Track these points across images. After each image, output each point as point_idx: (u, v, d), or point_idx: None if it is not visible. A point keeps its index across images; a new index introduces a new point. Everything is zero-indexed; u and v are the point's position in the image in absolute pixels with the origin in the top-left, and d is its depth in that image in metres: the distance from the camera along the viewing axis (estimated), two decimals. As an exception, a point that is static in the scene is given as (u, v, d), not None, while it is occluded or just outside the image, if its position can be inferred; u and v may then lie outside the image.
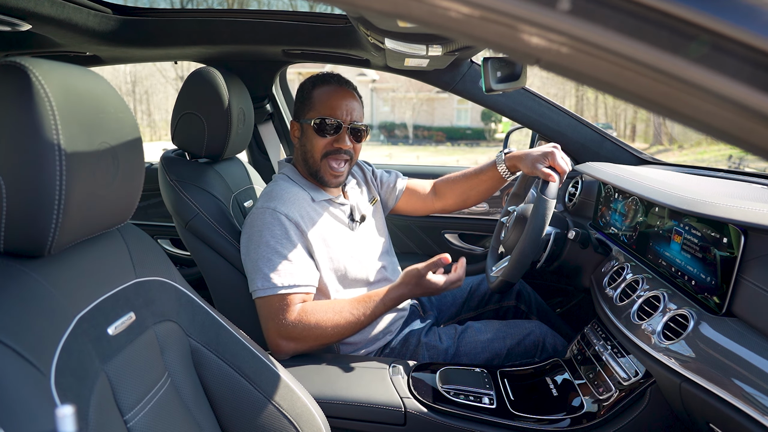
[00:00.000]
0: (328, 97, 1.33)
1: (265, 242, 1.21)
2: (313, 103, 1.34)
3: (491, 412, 1.08)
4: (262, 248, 1.21)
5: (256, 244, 1.22)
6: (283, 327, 1.18)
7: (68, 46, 1.57)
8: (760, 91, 0.31)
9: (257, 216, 1.24)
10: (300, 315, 1.19)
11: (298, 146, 1.39)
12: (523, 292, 1.64)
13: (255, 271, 1.20)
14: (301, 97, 1.37)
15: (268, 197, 1.28)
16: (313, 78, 1.38)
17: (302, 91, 1.37)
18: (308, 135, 1.34)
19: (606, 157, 1.75)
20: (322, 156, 1.33)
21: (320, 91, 1.34)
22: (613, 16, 0.31)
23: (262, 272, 1.19)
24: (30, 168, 0.58)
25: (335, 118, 1.31)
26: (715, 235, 0.89)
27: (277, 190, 1.29)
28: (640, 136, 21.38)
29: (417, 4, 0.34)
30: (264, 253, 1.20)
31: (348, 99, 1.34)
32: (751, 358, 0.74)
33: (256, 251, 1.21)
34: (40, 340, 0.57)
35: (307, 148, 1.35)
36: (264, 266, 1.19)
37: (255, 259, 1.21)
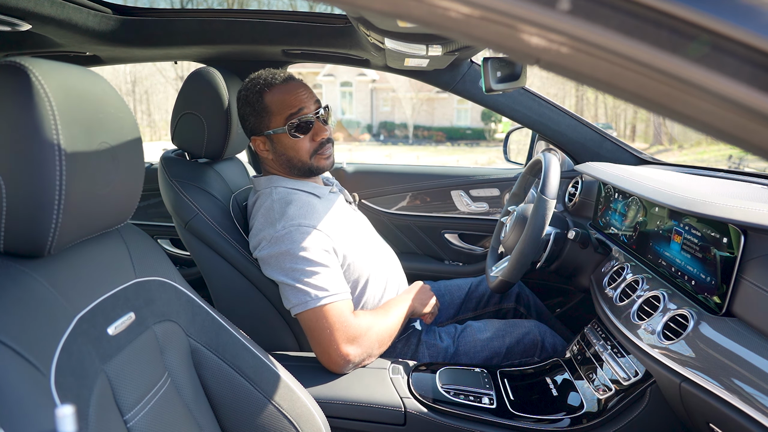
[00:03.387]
0: (282, 97, 1.27)
1: (302, 258, 1.16)
2: (271, 111, 1.27)
3: (491, 412, 1.08)
4: (301, 263, 1.16)
5: (293, 261, 1.17)
6: (350, 330, 1.16)
7: (68, 46, 1.57)
8: (760, 91, 0.31)
9: (286, 236, 1.18)
10: (357, 316, 1.19)
11: (273, 158, 1.32)
12: (522, 294, 1.64)
13: (302, 285, 1.16)
14: (253, 111, 1.28)
15: (284, 215, 1.21)
16: (252, 87, 1.28)
17: (251, 105, 1.28)
18: (284, 143, 1.28)
19: (606, 157, 1.75)
20: (310, 156, 1.31)
21: (272, 96, 1.27)
22: (613, 16, 0.31)
23: (312, 285, 1.16)
24: (30, 168, 0.58)
25: (302, 114, 1.27)
26: (715, 235, 0.89)
27: (289, 205, 1.23)
28: (640, 136, 21.39)
29: (417, 4, 0.34)
30: (306, 267, 1.16)
31: (300, 89, 1.29)
32: (751, 358, 0.74)
33: (295, 267, 1.17)
34: (40, 340, 0.57)
35: (290, 155, 1.30)
36: (312, 279, 1.16)
37: (298, 276, 1.16)
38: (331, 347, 1.15)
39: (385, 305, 1.32)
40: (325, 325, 1.14)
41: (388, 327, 1.25)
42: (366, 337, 1.18)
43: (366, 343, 1.18)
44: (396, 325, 1.27)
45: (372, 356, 1.22)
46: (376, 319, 1.23)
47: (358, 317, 1.19)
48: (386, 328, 1.24)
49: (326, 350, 1.15)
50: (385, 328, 1.24)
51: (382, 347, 1.23)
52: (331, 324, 1.14)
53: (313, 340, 1.17)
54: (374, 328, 1.21)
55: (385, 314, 1.26)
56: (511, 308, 1.63)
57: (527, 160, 2.17)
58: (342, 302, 1.17)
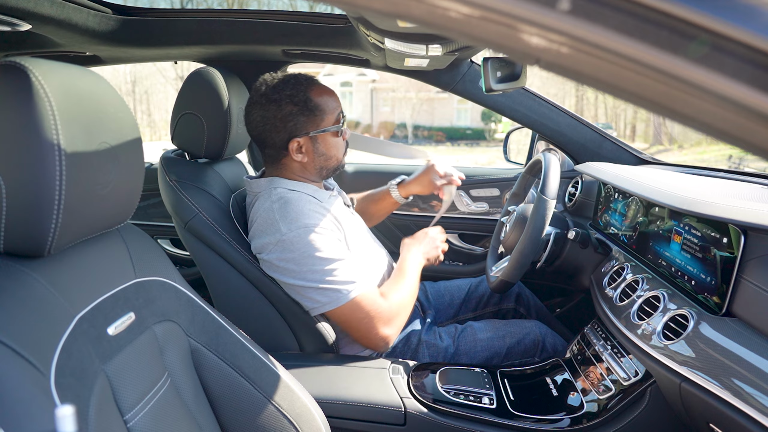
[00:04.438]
0: (329, 97, 1.28)
1: (319, 258, 1.16)
2: (324, 110, 1.26)
3: (491, 412, 1.08)
4: (320, 264, 1.17)
5: (311, 263, 1.17)
6: (383, 314, 1.21)
7: (68, 46, 1.57)
8: (760, 91, 0.31)
9: (290, 239, 1.17)
10: (386, 297, 1.24)
11: (308, 160, 1.29)
12: (523, 294, 1.64)
13: (327, 285, 1.17)
14: (303, 110, 1.23)
15: (287, 217, 1.19)
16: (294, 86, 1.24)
17: (299, 104, 1.23)
18: (328, 142, 1.28)
19: (606, 157, 1.75)
20: (343, 154, 1.35)
21: (319, 96, 1.26)
22: (613, 16, 0.31)
23: (338, 281, 1.17)
24: (30, 168, 0.58)
25: (341, 111, 1.32)
26: (715, 235, 0.89)
27: (291, 206, 1.21)
28: (640, 136, 21.39)
29: (417, 4, 0.34)
30: (326, 267, 1.17)
31: (331, 89, 1.31)
32: (751, 358, 0.74)
33: (314, 269, 1.17)
34: (40, 340, 0.57)
35: (331, 154, 1.30)
36: (336, 276, 1.17)
37: (320, 277, 1.17)
38: (371, 333, 1.20)
39: (400, 271, 1.35)
40: (361, 316, 1.19)
41: (412, 295, 1.31)
42: (400, 316, 1.25)
43: (401, 319, 1.26)
44: (416, 288, 1.34)
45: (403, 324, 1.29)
46: (401, 292, 1.28)
47: (387, 298, 1.24)
48: (411, 297, 1.31)
49: (366, 336, 1.21)
50: (410, 297, 1.30)
51: (408, 313, 1.31)
52: (367, 312, 1.19)
53: (350, 330, 1.23)
54: (403, 303, 1.27)
55: (405, 283, 1.31)
56: (511, 308, 1.63)
57: (527, 160, 2.17)
58: (369, 289, 1.22)
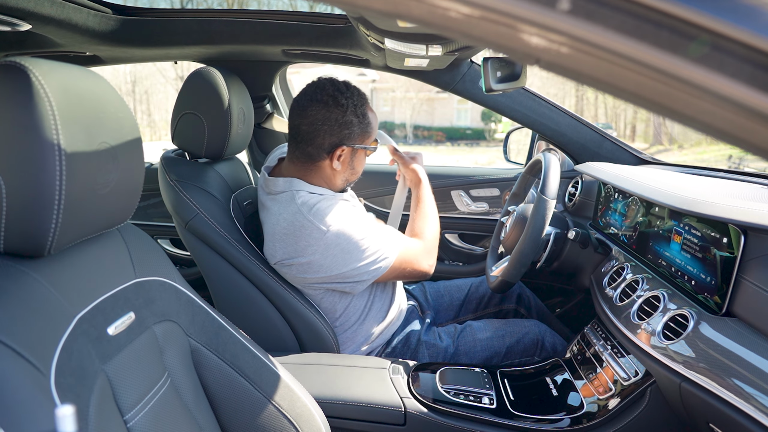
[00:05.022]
0: (375, 117, 1.36)
1: (358, 243, 1.23)
2: (373, 129, 1.34)
3: (491, 412, 1.08)
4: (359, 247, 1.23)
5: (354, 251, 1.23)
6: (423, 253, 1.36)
7: (68, 46, 1.57)
8: (760, 91, 0.31)
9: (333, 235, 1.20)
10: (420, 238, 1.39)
11: (341, 170, 1.31)
12: (523, 295, 1.64)
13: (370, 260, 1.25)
14: (361, 123, 1.29)
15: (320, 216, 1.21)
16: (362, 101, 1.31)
17: (359, 116, 1.28)
18: (361, 159, 1.35)
19: (606, 157, 1.75)
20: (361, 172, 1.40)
21: (371, 113, 1.34)
22: (613, 16, 0.31)
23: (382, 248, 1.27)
24: (30, 168, 0.58)
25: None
26: (715, 235, 0.89)
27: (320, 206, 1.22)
28: (640, 136, 21.38)
29: (417, 4, 0.34)
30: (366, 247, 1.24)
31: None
32: (751, 358, 0.74)
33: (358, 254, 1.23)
34: (40, 340, 0.57)
35: (357, 170, 1.36)
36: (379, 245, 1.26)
37: (362, 258, 1.24)
38: (419, 272, 1.36)
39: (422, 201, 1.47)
40: (407, 266, 1.33)
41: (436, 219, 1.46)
42: (436, 246, 1.41)
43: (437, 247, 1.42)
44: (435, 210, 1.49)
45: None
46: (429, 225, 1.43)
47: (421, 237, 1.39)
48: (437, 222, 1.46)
49: (415, 276, 1.36)
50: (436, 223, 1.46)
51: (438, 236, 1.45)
52: (411, 261, 1.33)
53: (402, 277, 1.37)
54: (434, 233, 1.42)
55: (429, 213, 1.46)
56: (511, 309, 1.63)
57: (527, 160, 2.17)
58: (402, 241, 1.34)
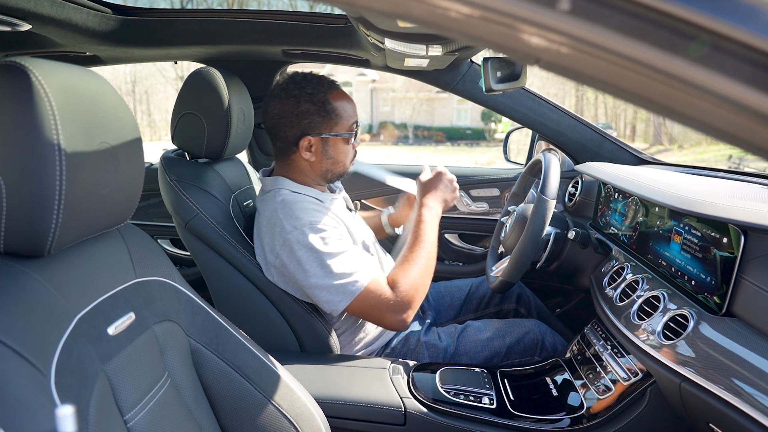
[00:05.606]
0: (348, 105, 1.31)
1: (319, 256, 1.18)
2: (339, 114, 1.28)
3: (491, 412, 1.08)
4: (321, 261, 1.18)
5: (313, 262, 1.18)
6: (394, 305, 1.20)
7: (68, 46, 1.57)
8: (760, 91, 0.31)
9: (296, 239, 1.18)
10: (393, 287, 1.21)
11: (315, 160, 1.30)
12: (523, 295, 1.64)
13: (330, 284, 1.18)
14: (320, 111, 1.26)
15: (291, 216, 1.21)
16: (320, 86, 1.27)
17: (317, 104, 1.25)
18: (338, 147, 1.30)
19: (606, 157, 1.75)
20: (349, 162, 1.35)
21: (338, 99, 1.29)
22: (613, 16, 0.31)
23: (340, 280, 1.18)
24: (30, 168, 0.58)
25: (356, 122, 1.33)
26: (715, 235, 0.89)
27: (295, 206, 1.23)
28: (640, 136, 21.38)
29: (417, 4, 0.34)
30: (327, 265, 1.18)
31: (350, 97, 1.34)
32: (751, 358, 0.74)
33: (317, 269, 1.18)
34: (40, 340, 0.57)
35: (338, 158, 1.32)
36: (336, 275, 1.18)
37: (321, 275, 1.18)
38: (385, 321, 1.21)
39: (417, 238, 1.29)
40: (366, 311, 1.21)
41: (428, 266, 1.27)
42: (414, 299, 1.22)
43: (416, 302, 1.23)
44: (433, 249, 1.30)
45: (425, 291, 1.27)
46: (413, 272, 1.24)
47: (396, 286, 1.21)
48: (427, 270, 1.27)
49: (381, 323, 1.23)
50: (426, 271, 1.26)
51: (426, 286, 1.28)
52: (371, 309, 1.20)
53: (367, 319, 1.27)
54: (416, 285, 1.23)
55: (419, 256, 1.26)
56: (511, 309, 1.63)
57: (527, 160, 2.17)
58: (376, 280, 1.20)
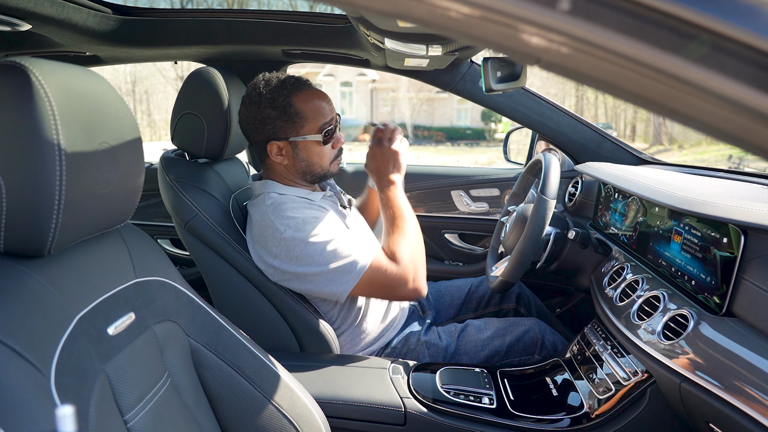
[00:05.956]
0: (317, 105, 1.25)
1: (317, 247, 1.18)
2: (304, 116, 1.24)
3: (491, 412, 1.08)
4: (320, 251, 1.18)
5: (312, 254, 1.18)
6: (401, 277, 1.21)
7: (68, 46, 1.57)
8: (760, 91, 0.31)
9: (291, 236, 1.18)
10: (394, 260, 1.22)
11: (289, 163, 1.29)
12: (523, 294, 1.64)
13: (334, 269, 1.18)
14: (282, 115, 1.23)
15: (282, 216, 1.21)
16: (276, 90, 1.23)
17: (278, 108, 1.22)
18: (310, 149, 1.27)
19: (606, 157, 1.75)
20: (330, 163, 1.32)
21: (303, 101, 1.24)
22: (613, 16, 0.31)
23: (342, 261, 1.19)
24: (30, 168, 0.58)
25: (331, 121, 1.28)
26: (715, 235, 0.89)
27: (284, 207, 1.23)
28: (640, 136, 21.37)
29: (417, 4, 0.34)
30: (327, 252, 1.18)
31: (325, 97, 1.29)
32: (751, 358, 0.74)
33: (318, 258, 1.18)
34: (40, 340, 0.57)
35: (313, 161, 1.29)
36: (338, 258, 1.18)
37: (323, 263, 1.18)
38: (397, 295, 1.25)
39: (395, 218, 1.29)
40: (379, 286, 1.22)
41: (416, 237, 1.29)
42: (417, 268, 1.24)
43: (420, 271, 1.24)
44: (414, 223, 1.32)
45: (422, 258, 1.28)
46: (407, 245, 1.25)
47: (397, 261, 1.22)
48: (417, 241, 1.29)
49: (395, 298, 1.30)
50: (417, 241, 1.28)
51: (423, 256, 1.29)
52: (384, 281, 1.20)
53: (379, 297, 1.30)
54: (413, 255, 1.25)
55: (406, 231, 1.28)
56: (511, 309, 1.63)
57: (527, 160, 2.17)
58: (377, 256, 1.22)
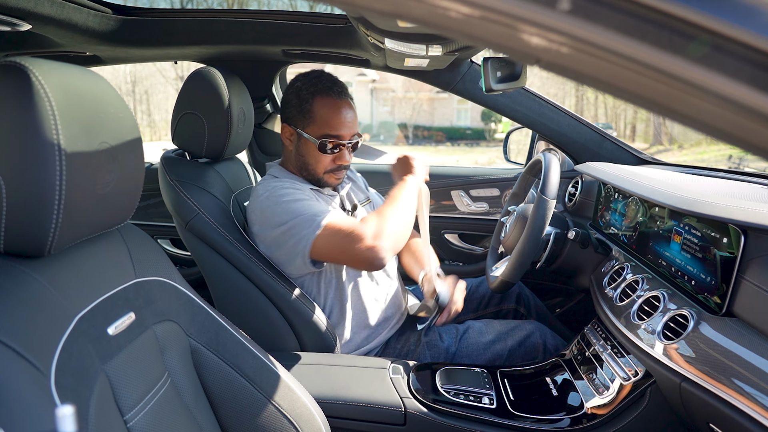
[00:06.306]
0: (331, 115, 1.26)
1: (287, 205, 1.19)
2: (314, 117, 1.27)
3: (491, 412, 1.08)
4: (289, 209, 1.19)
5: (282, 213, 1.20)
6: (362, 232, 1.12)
7: (68, 46, 1.57)
8: (760, 91, 0.31)
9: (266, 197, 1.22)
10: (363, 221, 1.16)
11: (292, 150, 1.34)
12: (523, 294, 1.64)
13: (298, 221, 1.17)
14: (298, 104, 1.28)
15: (268, 188, 1.25)
16: (310, 83, 1.28)
17: (299, 98, 1.28)
18: (308, 148, 1.30)
19: (606, 157, 1.75)
20: (324, 172, 1.32)
21: (322, 105, 1.26)
22: (613, 16, 0.31)
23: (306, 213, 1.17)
24: (30, 168, 0.58)
25: (339, 138, 1.28)
26: (715, 235, 0.89)
27: (274, 183, 1.28)
28: (640, 136, 21.37)
29: (417, 4, 0.34)
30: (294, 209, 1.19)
31: (349, 114, 1.29)
32: (751, 358, 0.74)
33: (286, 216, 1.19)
34: (40, 340, 0.57)
35: (306, 159, 1.32)
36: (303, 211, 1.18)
37: (291, 218, 1.18)
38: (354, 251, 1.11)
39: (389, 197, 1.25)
40: (339, 239, 1.14)
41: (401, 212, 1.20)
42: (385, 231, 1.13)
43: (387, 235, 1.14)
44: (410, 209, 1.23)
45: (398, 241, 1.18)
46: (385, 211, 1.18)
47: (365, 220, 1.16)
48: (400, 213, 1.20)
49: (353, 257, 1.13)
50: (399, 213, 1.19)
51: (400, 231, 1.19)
52: (344, 234, 1.13)
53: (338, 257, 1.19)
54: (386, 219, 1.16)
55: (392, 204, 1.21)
56: (511, 309, 1.63)
57: (527, 160, 2.17)
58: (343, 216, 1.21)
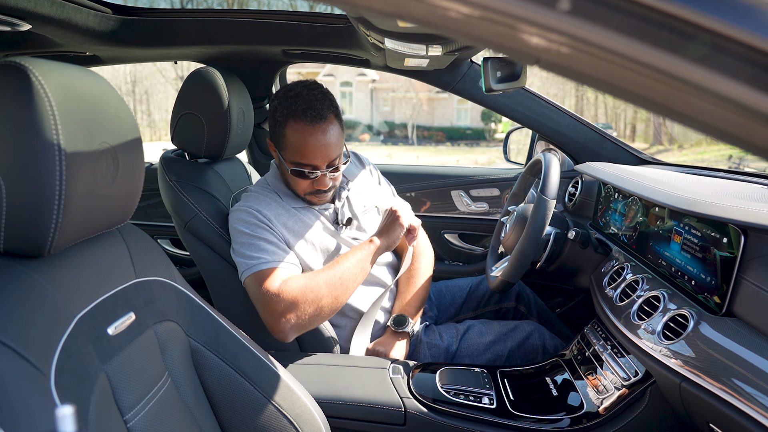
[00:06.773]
0: (302, 143, 1.20)
1: (240, 232, 1.23)
2: (286, 143, 1.22)
3: (491, 412, 1.08)
4: (239, 238, 1.23)
5: (234, 238, 1.25)
6: (272, 302, 1.13)
7: (68, 46, 1.57)
8: (760, 91, 0.31)
9: (232, 216, 1.27)
10: (283, 285, 1.15)
11: (278, 164, 1.33)
12: (523, 293, 1.64)
13: (238, 261, 1.23)
14: (274, 125, 1.24)
15: (245, 198, 1.31)
16: (285, 104, 1.21)
17: (274, 119, 1.23)
18: (282, 165, 1.28)
19: (606, 157, 1.75)
20: (304, 194, 1.30)
21: (293, 131, 1.20)
22: (613, 16, 0.31)
23: (242, 259, 1.21)
24: (30, 168, 0.58)
25: (312, 166, 1.22)
26: (715, 235, 0.89)
27: (254, 193, 1.32)
28: (640, 136, 21.37)
29: (417, 4, 0.34)
30: (241, 241, 1.22)
31: (321, 141, 1.20)
32: (751, 358, 0.74)
33: (235, 244, 1.24)
34: (40, 340, 0.57)
35: (286, 179, 1.32)
36: (243, 253, 1.21)
37: (235, 250, 1.24)
38: (264, 319, 1.16)
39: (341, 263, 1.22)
40: (252, 297, 1.19)
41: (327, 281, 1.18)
42: (296, 307, 1.13)
43: (298, 310, 1.14)
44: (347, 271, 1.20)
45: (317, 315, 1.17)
46: (313, 278, 1.18)
47: (284, 284, 1.15)
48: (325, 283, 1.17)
49: (263, 320, 1.17)
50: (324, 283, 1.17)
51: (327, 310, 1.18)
52: (255, 297, 1.18)
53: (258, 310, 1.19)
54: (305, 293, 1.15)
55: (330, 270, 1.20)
56: (511, 308, 1.63)
57: (527, 160, 2.17)
58: (278, 270, 1.17)
